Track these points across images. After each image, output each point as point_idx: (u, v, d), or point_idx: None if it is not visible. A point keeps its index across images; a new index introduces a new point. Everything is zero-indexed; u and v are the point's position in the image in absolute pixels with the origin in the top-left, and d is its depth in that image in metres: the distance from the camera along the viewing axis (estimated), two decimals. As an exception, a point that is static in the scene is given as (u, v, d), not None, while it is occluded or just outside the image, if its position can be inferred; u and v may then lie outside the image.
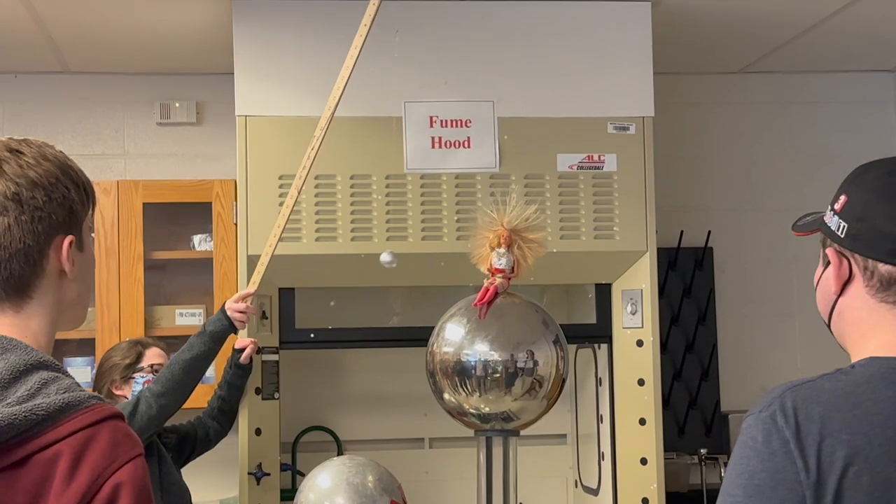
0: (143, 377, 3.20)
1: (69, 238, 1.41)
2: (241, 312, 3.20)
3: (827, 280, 1.49)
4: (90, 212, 1.47)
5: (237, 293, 3.27)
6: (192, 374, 3.12)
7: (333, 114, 3.07)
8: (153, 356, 3.25)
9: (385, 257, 3.19)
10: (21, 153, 1.40)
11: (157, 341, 3.38)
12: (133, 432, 1.32)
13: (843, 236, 1.45)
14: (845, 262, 1.46)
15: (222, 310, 3.21)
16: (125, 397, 3.19)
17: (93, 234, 1.50)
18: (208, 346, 3.16)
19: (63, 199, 1.40)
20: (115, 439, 1.28)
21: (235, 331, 3.24)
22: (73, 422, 1.27)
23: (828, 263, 1.49)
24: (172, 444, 3.26)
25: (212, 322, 3.20)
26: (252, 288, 3.24)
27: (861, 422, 1.33)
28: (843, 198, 1.47)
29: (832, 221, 1.48)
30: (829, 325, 1.52)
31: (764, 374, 4.28)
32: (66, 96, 4.24)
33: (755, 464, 1.34)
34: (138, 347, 3.26)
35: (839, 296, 1.48)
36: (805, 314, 4.37)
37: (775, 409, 1.35)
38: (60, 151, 1.45)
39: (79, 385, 1.33)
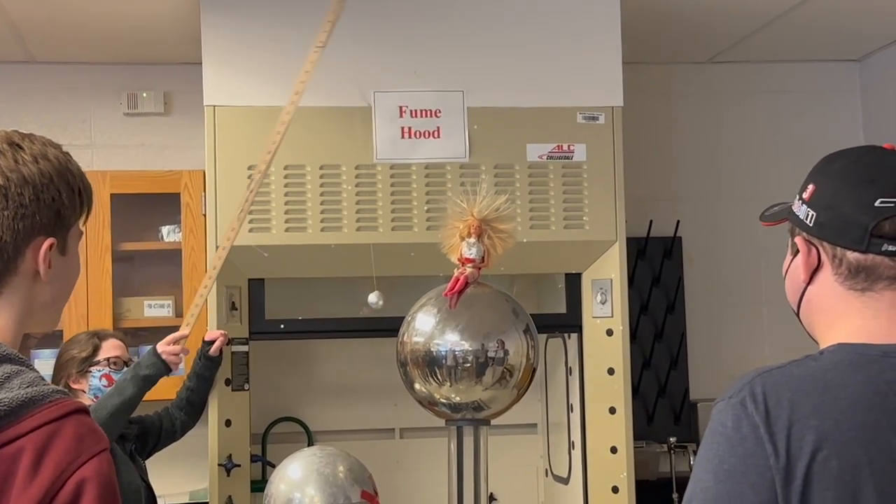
0: (99, 371, 3.16)
1: (49, 241, 1.40)
2: (174, 355, 3.15)
3: (796, 269, 1.50)
4: (82, 218, 1.46)
5: (169, 335, 3.19)
6: (119, 418, 3.04)
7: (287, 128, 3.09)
8: (110, 348, 3.21)
9: (372, 298, 3.25)
10: (21, 148, 1.38)
11: (116, 332, 3.34)
12: (98, 427, 1.31)
13: (811, 225, 1.46)
14: (814, 250, 1.47)
15: (155, 353, 3.13)
16: (83, 391, 3.15)
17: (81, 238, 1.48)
18: (140, 390, 3.08)
19: (52, 202, 1.39)
20: (80, 434, 1.27)
21: (170, 372, 3.18)
22: (37, 417, 1.25)
23: (796, 252, 1.50)
24: (133, 434, 3.21)
25: (145, 366, 3.11)
26: (186, 330, 3.20)
27: (830, 407, 1.34)
28: (811, 187, 1.48)
29: (800, 210, 1.49)
30: (797, 314, 1.53)
31: (732, 362, 4.30)
32: (32, 86, 4.19)
33: (725, 449, 1.35)
34: (95, 340, 3.21)
35: (808, 284, 1.49)
36: (773, 303, 4.39)
37: (745, 395, 1.36)
38: (65, 154, 1.43)
39: (43, 379, 1.32)
